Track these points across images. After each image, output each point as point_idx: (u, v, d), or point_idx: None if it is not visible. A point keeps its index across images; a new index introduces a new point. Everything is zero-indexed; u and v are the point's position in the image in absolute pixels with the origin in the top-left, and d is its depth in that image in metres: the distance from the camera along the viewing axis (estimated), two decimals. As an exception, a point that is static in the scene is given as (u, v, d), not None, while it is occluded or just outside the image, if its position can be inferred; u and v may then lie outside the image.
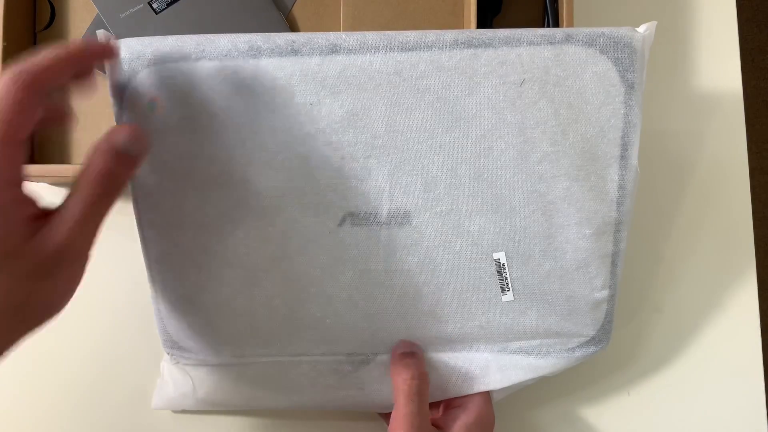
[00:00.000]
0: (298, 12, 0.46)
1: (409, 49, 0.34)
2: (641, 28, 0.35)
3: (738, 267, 0.47)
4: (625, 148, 0.35)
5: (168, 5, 0.45)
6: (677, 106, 0.48)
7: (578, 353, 0.40)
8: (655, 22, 0.35)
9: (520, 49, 0.34)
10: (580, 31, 0.34)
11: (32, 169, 0.41)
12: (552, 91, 0.34)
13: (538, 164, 0.35)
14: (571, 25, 0.41)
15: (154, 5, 0.45)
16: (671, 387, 0.46)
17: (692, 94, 0.48)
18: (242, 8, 0.45)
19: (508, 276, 0.38)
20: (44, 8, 0.46)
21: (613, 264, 0.38)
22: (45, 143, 0.46)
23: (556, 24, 0.42)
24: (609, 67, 0.34)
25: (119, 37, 0.35)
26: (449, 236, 0.37)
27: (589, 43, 0.34)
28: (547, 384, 0.43)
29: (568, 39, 0.34)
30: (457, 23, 0.44)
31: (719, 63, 0.48)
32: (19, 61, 0.28)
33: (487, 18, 0.45)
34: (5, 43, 0.42)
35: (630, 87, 0.35)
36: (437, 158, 0.36)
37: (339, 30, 0.45)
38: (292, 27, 0.46)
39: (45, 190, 0.47)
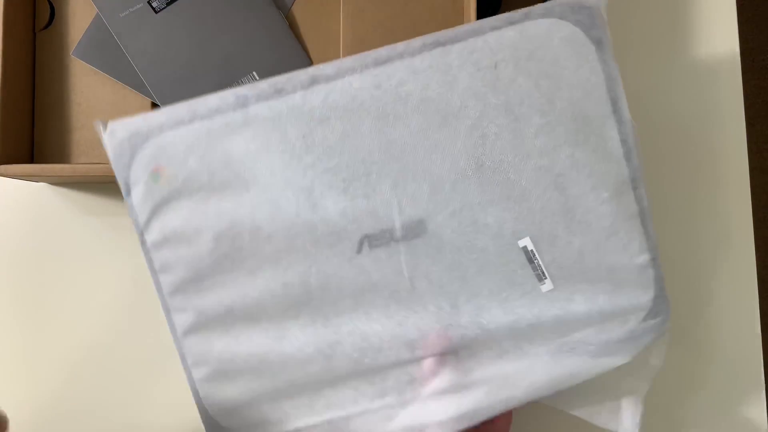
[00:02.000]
0: (297, 11, 0.46)
1: (383, 63, 0.35)
2: None
3: (738, 267, 0.47)
4: (614, 102, 0.35)
5: (168, 4, 0.45)
6: (678, 106, 0.48)
7: (641, 332, 0.37)
8: None
9: (486, 36, 0.35)
10: (537, 7, 0.35)
11: (32, 169, 0.41)
12: (526, 65, 0.35)
13: (535, 138, 0.35)
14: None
15: (154, 4, 0.44)
16: (671, 387, 0.46)
17: (692, 94, 0.48)
18: (242, 7, 0.45)
19: (540, 263, 0.36)
20: (44, 8, 0.46)
21: (643, 224, 0.36)
22: (45, 143, 0.46)
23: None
24: (573, 30, 0.35)
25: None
26: (469, 235, 0.36)
27: (547, 14, 0.35)
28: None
29: (527, 16, 0.35)
30: (457, 21, 0.44)
31: (719, 63, 0.48)
32: None
33: (487, 16, 0.45)
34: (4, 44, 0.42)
35: (599, 43, 0.35)
36: (436, 157, 0.35)
37: (338, 29, 0.45)
38: (292, 26, 0.46)
39: (45, 190, 0.47)
